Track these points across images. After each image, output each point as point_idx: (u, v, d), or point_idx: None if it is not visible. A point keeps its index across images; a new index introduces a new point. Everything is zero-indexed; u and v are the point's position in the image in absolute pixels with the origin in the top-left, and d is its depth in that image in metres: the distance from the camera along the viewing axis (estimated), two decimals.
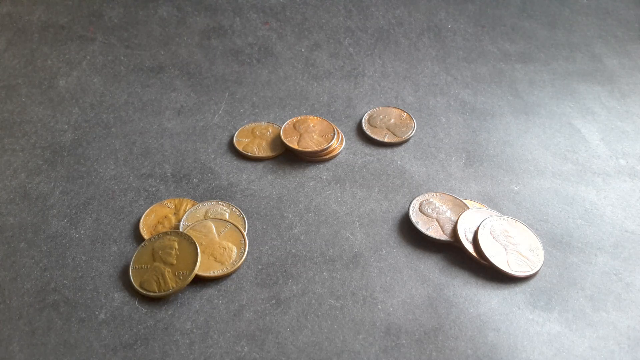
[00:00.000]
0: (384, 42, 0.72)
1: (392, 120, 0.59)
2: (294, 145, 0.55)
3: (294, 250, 0.46)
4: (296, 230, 0.48)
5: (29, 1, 0.73)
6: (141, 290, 0.42)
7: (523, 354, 0.39)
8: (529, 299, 0.42)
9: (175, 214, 0.48)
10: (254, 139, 0.57)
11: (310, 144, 0.55)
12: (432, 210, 0.48)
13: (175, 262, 0.43)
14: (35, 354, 0.38)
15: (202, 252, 0.44)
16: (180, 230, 0.46)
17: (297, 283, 0.43)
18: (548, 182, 0.53)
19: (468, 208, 0.48)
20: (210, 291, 0.43)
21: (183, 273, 0.42)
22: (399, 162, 0.55)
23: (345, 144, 0.57)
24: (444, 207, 0.49)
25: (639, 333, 0.40)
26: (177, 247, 0.44)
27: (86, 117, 0.59)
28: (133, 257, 0.44)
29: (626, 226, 0.48)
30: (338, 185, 0.52)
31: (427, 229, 0.47)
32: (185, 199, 0.50)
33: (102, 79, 0.64)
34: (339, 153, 0.56)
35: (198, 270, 0.43)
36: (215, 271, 0.43)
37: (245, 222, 0.48)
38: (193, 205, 0.49)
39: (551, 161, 0.55)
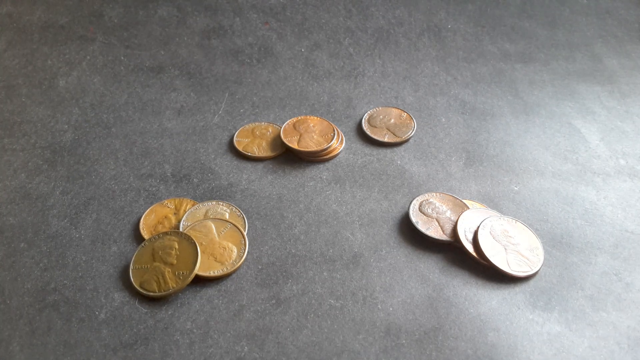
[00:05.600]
0: (384, 42, 0.72)
1: (392, 120, 0.59)
2: (294, 145, 0.55)
3: (294, 250, 0.46)
4: (296, 230, 0.48)
5: (29, 1, 0.73)
6: (141, 290, 0.42)
7: (523, 354, 0.39)
8: (529, 299, 0.42)
9: (175, 214, 0.48)
10: (254, 139, 0.57)
11: (310, 144, 0.55)
12: (432, 210, 0.48)
13: (175, 262, 0.43)
14: (35, 354, 0.38)
15: (202, 252, 0.44)
16: (180, 230, 0.46)
17: (297, 283, 0.43)
18: (548, 182, 0.53)
19: (468, 208, 0.48)
20: (210, 291, 0.43)
21: (183, 273, 0.42)
22: (399, 162, 0.55)
23: (345, 144, 0.57)
24: (444, 207, 0.49)
25: (639, 333, 0.40)
26: (177, 247, 0.44)
27: (86, 117, 0.59)
28: (133, 257, 0.44)
29: (626, 226, 0.48)
30: (338, 185, 0.52)
31: (427, 229, 0.47)
32: (185, 199, 0.50)
33: (102, 79, 0.64)
34: (339, 153, 0.56)
35: (198, 270, 0.43)
36: (215, 271, 0.43)
37: (245, 222, 0.48)
38: (193, 205, 0.49)
39: (551, 161, 0.55)
